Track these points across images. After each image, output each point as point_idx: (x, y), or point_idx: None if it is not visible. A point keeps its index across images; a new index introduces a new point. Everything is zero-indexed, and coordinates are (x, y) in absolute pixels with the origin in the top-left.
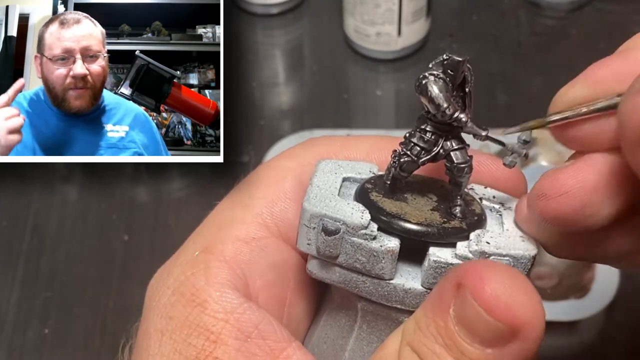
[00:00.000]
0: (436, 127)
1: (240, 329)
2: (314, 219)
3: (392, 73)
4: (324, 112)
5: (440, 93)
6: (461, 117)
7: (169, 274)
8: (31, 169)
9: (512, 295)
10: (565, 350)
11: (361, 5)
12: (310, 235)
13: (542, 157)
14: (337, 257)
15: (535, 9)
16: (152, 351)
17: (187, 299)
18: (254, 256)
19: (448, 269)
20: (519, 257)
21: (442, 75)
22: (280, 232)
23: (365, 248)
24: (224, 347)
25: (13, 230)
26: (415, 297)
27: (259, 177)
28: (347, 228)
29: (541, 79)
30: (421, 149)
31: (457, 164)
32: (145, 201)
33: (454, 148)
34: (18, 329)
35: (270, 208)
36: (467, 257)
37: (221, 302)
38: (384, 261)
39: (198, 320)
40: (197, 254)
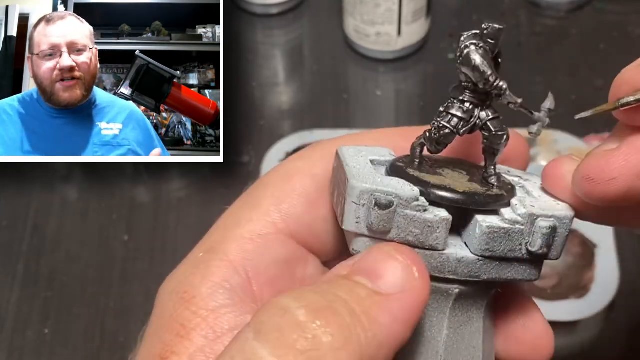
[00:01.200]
0: (473, 97)
1: (214, 329)
2: (364, 195)
3: (392, 73)
4: (324, 112)
5: (483, 61)
6: (502, 85)
7: (173, 277)
8: (31, 169)
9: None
10: (565, 350)
11: (361, 5)
12: (359, 212)
13: (541, 157)
14: (390, 231)
15: (535, 9)
16: (138, 351)
17: (180, 296)
18: (258, 253)
19: (500, 233)
20: (562, 217)
21: (483, 44)
22: (288, 229)
23: (420, 219)
24: (187, 343)
25: (13, 230)
26: (468, 266)
27: (268, 178)
28: (400, 201)
29: (541, 79)
30: (459, 119)
31: (496, 132)
32: (145, 201)
33: (490, 117)
34: (18, 329)
35: (277, 206)
36: (516, 221)
37: (207, 300)
38: (439, 231)
39: (178, 316)
40: (200, 255)
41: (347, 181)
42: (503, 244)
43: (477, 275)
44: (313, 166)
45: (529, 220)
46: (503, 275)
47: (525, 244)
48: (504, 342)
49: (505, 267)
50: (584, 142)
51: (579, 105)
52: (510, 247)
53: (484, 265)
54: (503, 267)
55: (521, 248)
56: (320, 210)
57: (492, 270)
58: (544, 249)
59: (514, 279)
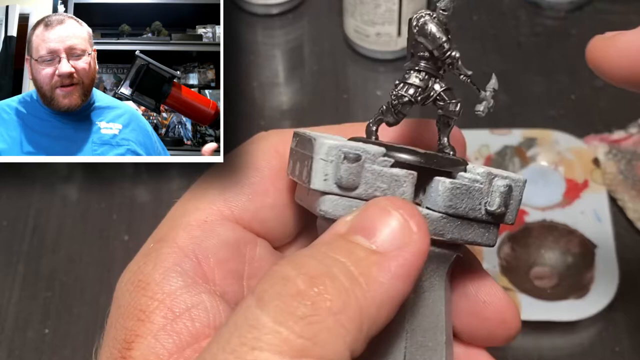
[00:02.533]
0: (428, 68)
1: (172, 309)
2: (333, 150)
3: (392, 73)
4: (324, 112)
5: (439, 28)
6: (455, 54)
7: (128, 269)
8: (31, 169)
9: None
10: (565, 350)
11: (361, 6)
12: (327, 169)
13: (541, 157)
14: (357, 187)
15: (535, 9)
16: (102, 343)
17: (135, 285)
18: (206, 237)
19: (462, 189)
20: (516, 179)
21: (436, 15)
22: (233, 216)
23: (387, 174)
24: (149, 325)
25: (13, 230)
26: (432, 223)
27: (211, 173)
28: (368, 155)
29: (541, 79)
30: (417, 87)
31: (450, 101)
32: (145, 201)
33: (444, 88)
34: (18, 329)
35: (222, 194)
36: (476, 180)
37: (162, 284)
38: (406, 185)
39: (136, 303)
40: (151, 245)
41: (313, 142)
42: (465, 201)
43: (442, 233)
44: (258, 158)
45: (487, 178)
46: (465, 237)
47: (485, 204)
48: (467, 320)
49: (467, 228)
50: (584, 142)
51: (579, 106)
52: (471, 206)
53: (448, 223)
54: (464, 227)
55: (480, 208)
56: (264, 198)
57: (455, 230)
58: (502, 208)
59: (474, 241)
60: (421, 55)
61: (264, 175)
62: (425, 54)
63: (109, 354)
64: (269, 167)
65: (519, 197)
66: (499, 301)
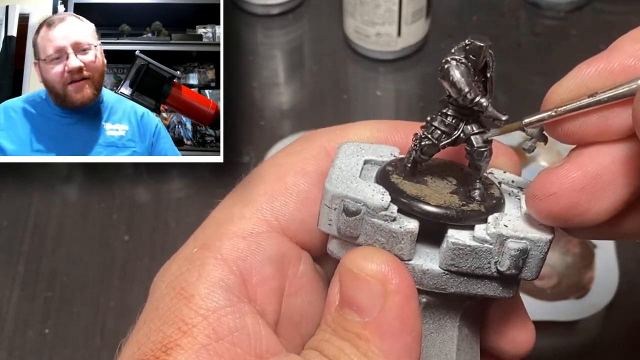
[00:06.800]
0: (457, 112)
1: (216, 330)
2: (336, 199)
3: (392, 73)
4: (324, 112)
5: (462, 78)
6: (482, 102)
7: (167, 270)
8: (31, 169)
9: (370, 255)
10: (565, 350)
11: (361, 6)
12: (331, 215)
13: (542, 157)
14: (357, 237)
15: (535, 9)
16: (131, 338)
17: (177, 292)
18: (251, 252)
19: (466, 250)
20: (535, 240)
21: (464, 60)
22: (281, 226)
23: (385, 229)
24: (191, 339)
25: (13, 230)
26: (433, 278)
27: (261, 174)
28: (368, 209)
29: (541, 79)
30: (442, 132)
31: (477, 148)
32: (145, 201)
33: (474, 132)
34: (18, 329)
35: (270, 203)
36: (484, 240)
37: (207, 300)
38: (403, 242)
39: (178, 312)
40: (195, 251)
41: (325, 184)
42: (470, 261)
43: (444, 288)
44: (305, 162)
45: (498, 240)
46: (472, 290)
47: (495, 263)
48: (493, 345)
49: (474, 283)
50: None
51: None
52: (477, 265)
53: (450, 279)
54: (471, 282)
55: (490, 266)
56: (312, 207)
57: (460, 285)
58: (512, 270)
59: (484, 295)
60: (448, 100)
61: (313, 181)
62: (451, 98)
63: (137, 350)
64: (318, 172)
65: (539, 255)
66: (525, 337)
